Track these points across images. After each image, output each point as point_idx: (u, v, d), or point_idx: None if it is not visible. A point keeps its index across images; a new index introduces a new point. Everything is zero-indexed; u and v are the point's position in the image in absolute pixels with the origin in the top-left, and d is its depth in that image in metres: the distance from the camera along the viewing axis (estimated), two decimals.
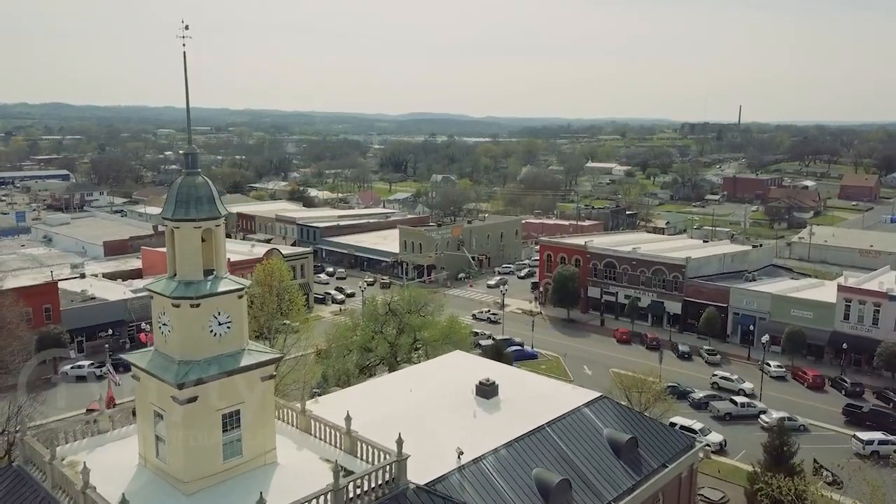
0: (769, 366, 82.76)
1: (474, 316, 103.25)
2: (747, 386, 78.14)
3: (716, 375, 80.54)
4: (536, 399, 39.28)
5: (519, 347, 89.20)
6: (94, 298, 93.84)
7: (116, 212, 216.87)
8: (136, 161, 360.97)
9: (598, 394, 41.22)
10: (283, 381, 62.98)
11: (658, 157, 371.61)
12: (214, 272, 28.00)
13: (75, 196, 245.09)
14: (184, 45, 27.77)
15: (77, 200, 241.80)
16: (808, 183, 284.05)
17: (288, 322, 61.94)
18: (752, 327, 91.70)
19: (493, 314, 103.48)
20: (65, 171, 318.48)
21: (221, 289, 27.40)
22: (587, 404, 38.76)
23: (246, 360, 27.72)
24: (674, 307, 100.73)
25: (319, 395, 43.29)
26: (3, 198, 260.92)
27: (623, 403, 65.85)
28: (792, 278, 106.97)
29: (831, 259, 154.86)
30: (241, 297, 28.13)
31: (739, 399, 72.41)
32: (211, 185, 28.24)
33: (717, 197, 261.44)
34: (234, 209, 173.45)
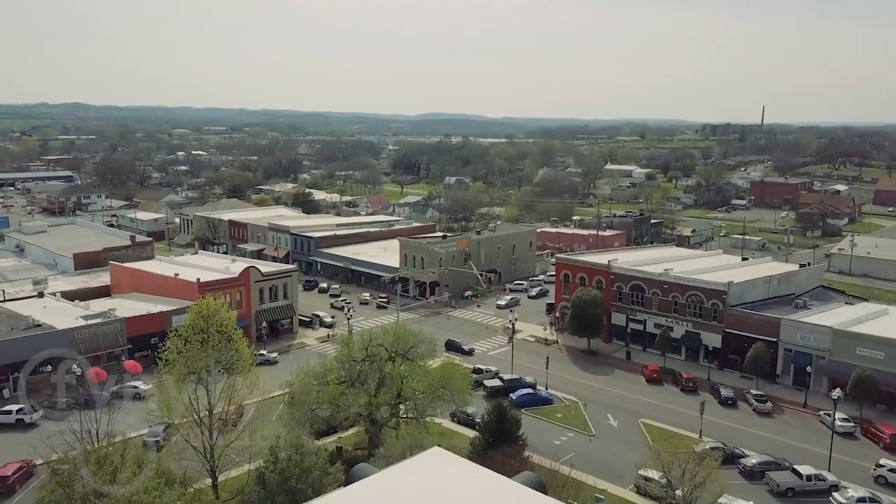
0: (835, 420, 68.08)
1: (477, 371, 79.11)
2: None
3: (882, 466, 59.26)
4: None
5: (530, 390, 75.43)
6: (38, 325, 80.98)
7: (113, 216, 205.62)
8: (145, 162, 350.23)
9: None
10: (226, 451, 49.96)
11: (680, 159, 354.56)
12: None
13: (71, 199, 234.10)
14: None
15: (73, 203, 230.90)
16: (840, 187, 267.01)
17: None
18: (808, 367, 77.13)
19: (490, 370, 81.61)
20: (68, 173, 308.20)
21: None
22: None
23: None
24: (712, 340, 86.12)
25: None
26: (0, 199, 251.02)
27: (659, 478, 52.56)
28: (847, 303, 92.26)
29: (875, 273, 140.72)
30: None
31: (805, 470, 57.93)
32: None
33: (743, 202, 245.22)
34: (227, 216, 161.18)
